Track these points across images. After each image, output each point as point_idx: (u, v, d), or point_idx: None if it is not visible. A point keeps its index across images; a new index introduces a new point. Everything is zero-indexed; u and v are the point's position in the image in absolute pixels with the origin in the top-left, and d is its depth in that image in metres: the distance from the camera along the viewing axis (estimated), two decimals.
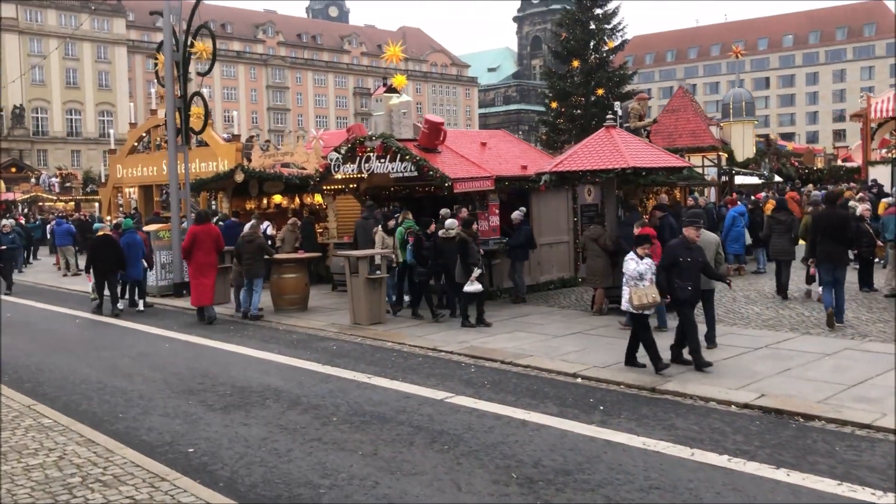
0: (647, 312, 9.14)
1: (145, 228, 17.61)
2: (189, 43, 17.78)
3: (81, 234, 26.85)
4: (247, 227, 18.63)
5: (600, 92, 48.26)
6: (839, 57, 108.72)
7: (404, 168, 15.61)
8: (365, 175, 16.55)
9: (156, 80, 40.74)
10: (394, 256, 13.94)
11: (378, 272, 13.40)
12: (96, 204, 37.09)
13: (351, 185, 18.41)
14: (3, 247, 19.56)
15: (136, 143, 33.41)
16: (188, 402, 8.35)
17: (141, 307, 16.09)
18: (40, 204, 41.55)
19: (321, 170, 17.81)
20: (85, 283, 17.39)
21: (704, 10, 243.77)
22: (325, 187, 18.14)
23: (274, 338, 12.44)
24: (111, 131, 39.85)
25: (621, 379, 8.91)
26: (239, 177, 20.30)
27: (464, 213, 15.21)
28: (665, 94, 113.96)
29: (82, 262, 19.64)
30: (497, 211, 15.90)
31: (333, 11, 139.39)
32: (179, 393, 8.79)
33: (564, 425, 7.20)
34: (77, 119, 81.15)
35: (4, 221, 21.37)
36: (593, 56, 48.81)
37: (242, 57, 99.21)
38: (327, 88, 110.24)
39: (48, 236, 26.71)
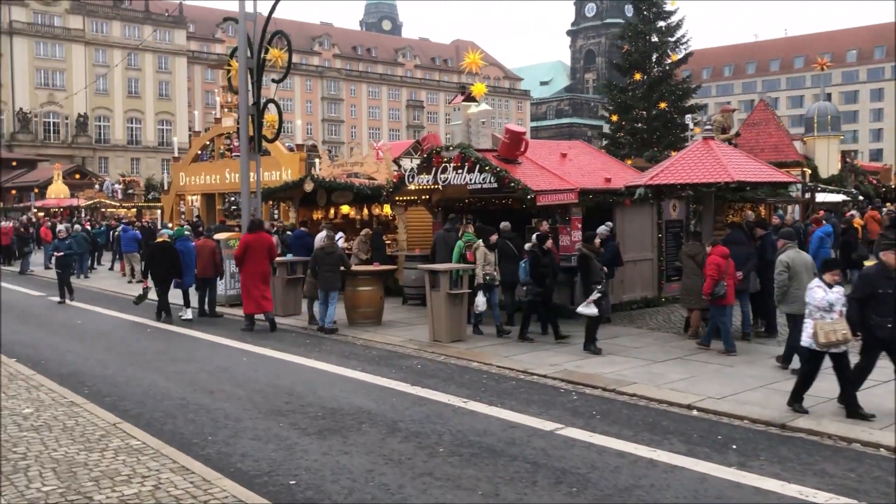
0: (833, 350, 7.83)
1: (216, 237, 17.27)
2: (263, 49, 17.45)
3: (145, 240, 26.88)
4: (318, 238, 18.22)
5: (663, 105, 47.27)
6: (852, 79, 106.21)
7: (483, 179, 15.00)
8: (440, 186, 15.98)
9: (217, 90, 41.00)
10: (493, 273, 13.17)
11: (460, 287, 12.81)
12: (158, 211, 37.29)
13: (423, 197, 17.87)
14: (60, 253, 18.64)
15: (199, 152, 33.49)
16: (279, 425, 7.81)
17: (189, 315, 15.82)
18: (102, 210, 41.98)
19: (394, 180, 17.31)
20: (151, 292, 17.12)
21: (763, 26, 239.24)
22: (397, 198, 17.63)
23: (353, 353, 11.90)
24: (174, 139, 40.05)
25: (743, 412, 8.13)
26: (309, 186, 19.92)
27: (544, 226, 14.57)
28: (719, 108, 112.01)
29: None
30: (580, 226, 15.18)
31: (387, 25, 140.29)
32: (267, 413, 8.26)
33: (699, 467, 6.46)
34: (137, 128, 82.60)
35: (60, 227, 20.84)
36: (655, 69, 47.94)
37: (298, 68, 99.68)
38: (381, 100, 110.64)
39: (112, 242, 26.64)
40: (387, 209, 20.16)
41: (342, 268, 14.06)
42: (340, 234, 19.53)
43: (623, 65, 49.37)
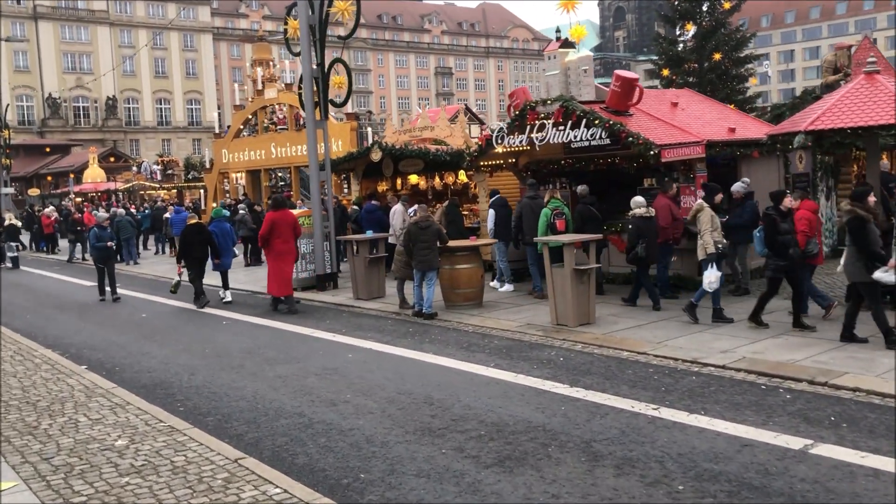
0: None
1: (297, 213, 15.57)
2: (328, 2, 15.60)
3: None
4: (394, 211, 16.56)
5: (717, 56, 44.59)
6: None
7: (591, 136, 13.10)
8: (537, 146, 14.10)
9: (254, 63, 39.19)
10: (723, 242, 10.85)
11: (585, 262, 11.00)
12: (201, 191, 35.78)
13: (510, 160, 16.02)
14: (109, 243, 15.94)
15: (241, 127, 31.81)
16: (441, 451, 6.09)
17: (229, 298, 15.11)
18: (141, 192, 40.60)
19: (480, 143, 15.46)
20: (216, 278, 15.50)
21: None
22: (482, 163, 15.80)
23: (472, 344, 10.16)
24: (215, 114, 38.33)
25: None
26: (376, 155, 18.15)
27: (673, 188, 12.69)
28: (785, 58, 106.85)
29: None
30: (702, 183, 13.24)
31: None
32: (418, 434, 6.54)
33: None
34: (166, 108, 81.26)
35: (100, 213, 18.13)
36: (707, 19, 45.30)
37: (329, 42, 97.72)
38: (409, 69, 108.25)
39: (164, 226, 25.07)
40: (462, 177, 18.36)
41: (439, 244, 12.31)
42: (415, 206, 17.74)
43: (673, 15, 46.76)
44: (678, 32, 46.53)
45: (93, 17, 75.87)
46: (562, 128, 13.51)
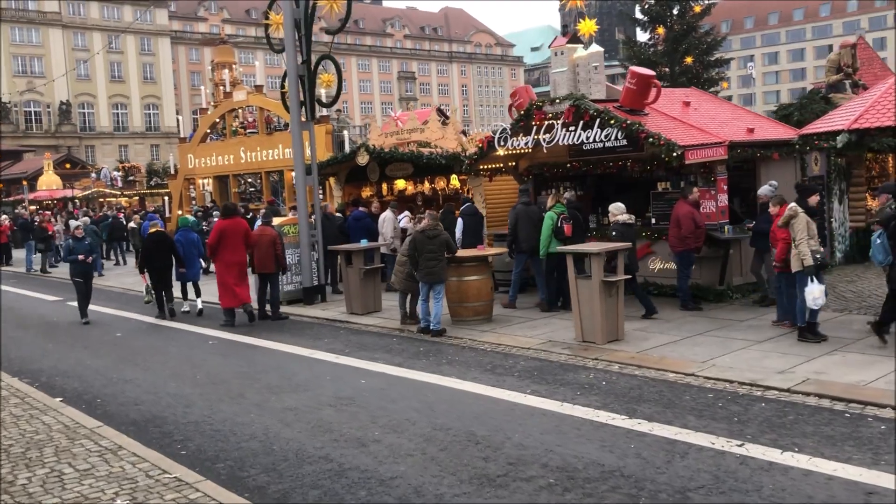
0: None
1: (279, 222, 14.45)
2: None
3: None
4: (383, 218, 15.52)
5: (689, 60, 44.38)
6: (880, 24, 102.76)
7: (605, 137, 12.27)
8: (545, 148, 13.21)
9: (215, 66, 37.75)
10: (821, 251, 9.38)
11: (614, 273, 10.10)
12: (164, 198, 34.28)
13: (511, 163, 15.11)
14: (83, 257, 13.94)
15: (208, 131, 30.46)
16: None
17: (187, 308, 14.69)
18: (101, 200, 38.85)
19: (481, 145, 14.52)
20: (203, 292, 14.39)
21: None
22: (482, 166, 14.86)
23: (495, 364, 9.19)
24: (179, 118, 36.74)
25: None
26: (363, 158, 17.12)
27: (695, 192, 11.88)
28: (770, 60, 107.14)
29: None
30: (726, 188, 12.48)
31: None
32: (473, 483, 5.54)
33: None
34: (123, 113, 78.86)
35: (76, 222, 16.83)
36: (678, 23, 45.10)
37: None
38: (371, 73, 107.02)
39: (132, 236, 23.65)
40: (454, 182, 17.41)
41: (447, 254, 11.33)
42: (406, 213, 16.78)
43: (643, 19, 46.50)
44: (648, 36, 46.33)
45: (44, 18, 73.34)
46: (572, 128, 12.66)
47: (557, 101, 12.94)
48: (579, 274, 10.10)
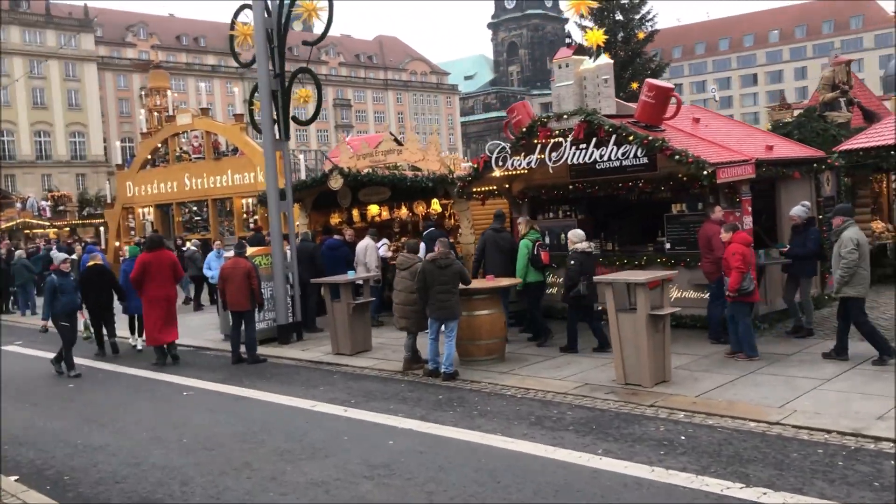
0: None
1: (249, 253, 12.86)
2: (290, 2, 13.14)
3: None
4: (362, 246, 14.09)
5: (635, 86, 44.32)
6: (826, 51, 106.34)
7: (623, 154, 11.20)
8: (551, 168, 12.06)
9: (148, 92, 35.70)
10: None
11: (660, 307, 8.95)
12: (101, 228, 32.01)
13: (505, 185, 13.95)
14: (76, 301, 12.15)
15: (148, 157, 28.51)
16: None
17: (139, 346, 13.79)
18: (27, 231, 36.12)
19: (476, 166, 13.30)
20: (188, 334, 12.65)
21: (714, 6, 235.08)
22: (475, 189, 13.64)
23: (538, 415, 7.88)
24: (116, 144, 34.50)
25: None
26: (336, 182, 15.68)
27: (717, 212, 10.88)
28: (721, 85, 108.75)
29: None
30: (750, 209, 11.53)
31: (297, 25, 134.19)
32: None
33: None
34: (46, 141, 75.10)
35: (59, 255, 13.34)
36: (623, 49, 45.14)
37: (219, 71, 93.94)
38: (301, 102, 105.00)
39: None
40: (436, 206, 16.14)
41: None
42: (384, 240, 15.41)
43: (587, 46, 46.32)
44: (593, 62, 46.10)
45: None
46: (583, 146, 11.56)
47: (565, 116, 11.85)
48: (620, 306, 8.92)
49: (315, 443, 7.40)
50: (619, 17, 45.70)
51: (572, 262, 10.60)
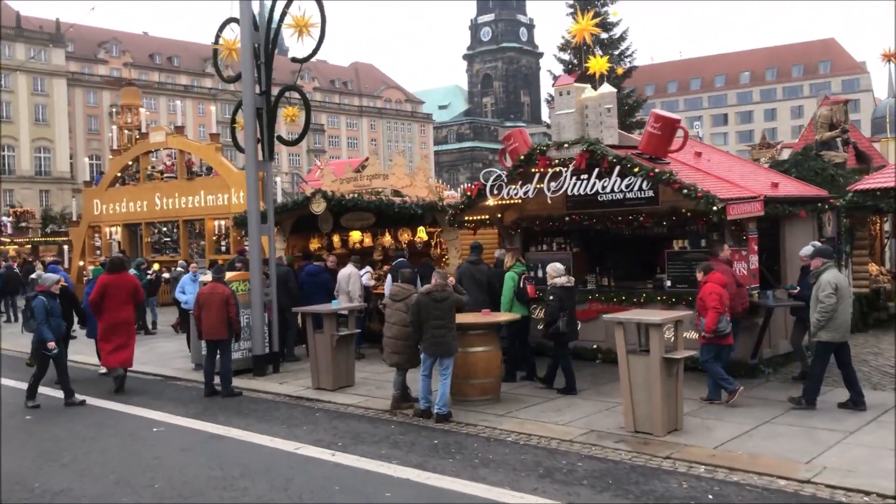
0: None
1: (228, 277, 12.09)
2: (279, 14, 12.54)
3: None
4: (344, 274, 13.42)
5: None
6: (796, 93, 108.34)
7: (627, 186, 10.73)
8: (549, 198, 11.53)
9: (119, 110, 34.79)
10: None
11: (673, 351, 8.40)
12: (66, 247, 30.91)
13: (498, 215, 13.40)
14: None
15: (118, 175, 27.61)
16: None
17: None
18: None
19: (469, 194, 12.74)
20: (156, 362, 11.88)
21: (687, 45, 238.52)
22: (467, 217, 13.06)
23: (547, 467, 7.23)
24: (85, 160, 33.51)
25: None
26: (318, 206, 15.02)
27: (725, 250, 10.39)
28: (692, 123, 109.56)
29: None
30: (756, 248, 11.08)
31: (289, 41, 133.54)
32: None
33: None
34: (10, 156, 73.26)
35: (49, 275, 12.01)
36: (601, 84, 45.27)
37: (190, 91, 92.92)
38: (279, 123, 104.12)
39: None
40: (421, 234, 15.54)
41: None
42: (367, 268, 14.72)
43: (591, 73, 46.36)
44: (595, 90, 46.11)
45: None
46: (584, 177, 11.07)
47: (566, 145, 11.37)
48: (630, 348, 8.36)
49: (302, 492, 6.68)
50: (598, 52, 45.82)
51: (552, 297, 10.24)
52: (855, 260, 14.16)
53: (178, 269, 18.20)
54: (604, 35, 45.71)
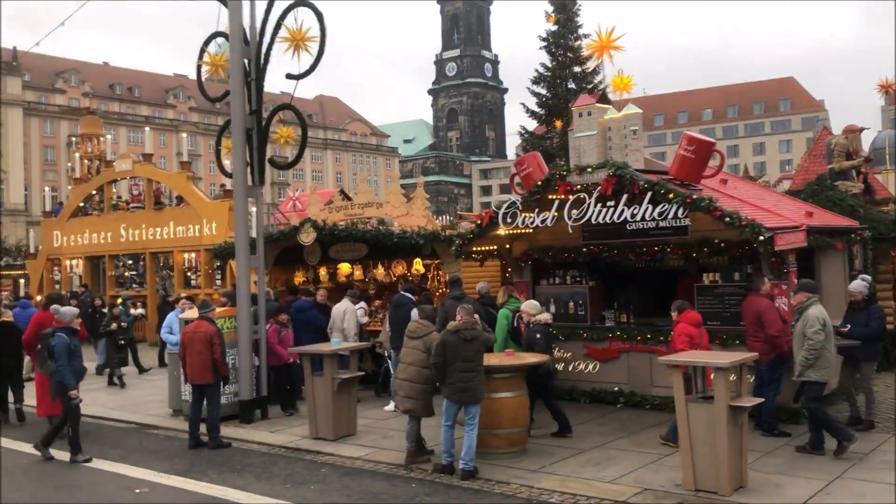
0: None
1: (218, 312, 10.85)
2: (274, 26, 11.53)
3: None
4: (339, 310, 12.30)
5: None
6: (758, 130, 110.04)
7: (661, 214, 9.79)
8: (570, 227, 10.55)
9: (81, 141, 33.30)
10: None
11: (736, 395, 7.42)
12: (21, 280, 29.20)
13: (506, 245, 12.41)
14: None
15: (81, 205, 26.14)
16: None
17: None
18: None
19: (480, 222, 11.75)
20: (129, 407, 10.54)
21: (651, 82, 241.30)
22: (474, 248, 12.04)
23: None
24: (45, 190, 31.92)
25: None
26: (308, 236, 13.94)
27: (766, 284, 9.53)
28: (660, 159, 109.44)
29: None
30: (796, 281, 10.23)
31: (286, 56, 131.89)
32: None
33: None
34: None
35: (69, 309, 10.21)
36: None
37: (151, 122, 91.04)
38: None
39: None
40: (418, 266, 14.49)
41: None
42: (362, 303, 13.60)
43: (539, 112, 46.01)
44: (546, 129, 45.69)
45: None
46: (611, 204, 10.13)
47: (589, 169, 10.45)
48: (690, 394, 7.37)
49: None
50: (571, 85, 45.51)
51: (538, 335, 9.56)
52: (879, 295, 13.41)
53: (120, 305, 16.71)
54: (577, 69, 45.43)
